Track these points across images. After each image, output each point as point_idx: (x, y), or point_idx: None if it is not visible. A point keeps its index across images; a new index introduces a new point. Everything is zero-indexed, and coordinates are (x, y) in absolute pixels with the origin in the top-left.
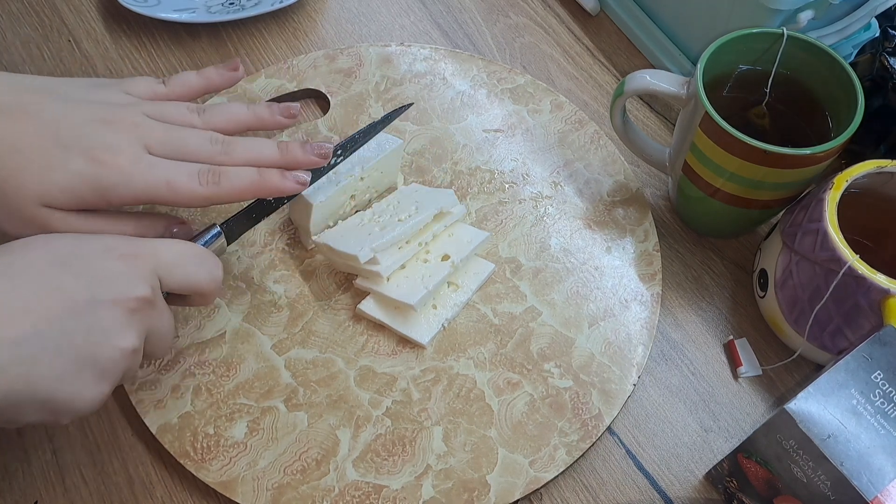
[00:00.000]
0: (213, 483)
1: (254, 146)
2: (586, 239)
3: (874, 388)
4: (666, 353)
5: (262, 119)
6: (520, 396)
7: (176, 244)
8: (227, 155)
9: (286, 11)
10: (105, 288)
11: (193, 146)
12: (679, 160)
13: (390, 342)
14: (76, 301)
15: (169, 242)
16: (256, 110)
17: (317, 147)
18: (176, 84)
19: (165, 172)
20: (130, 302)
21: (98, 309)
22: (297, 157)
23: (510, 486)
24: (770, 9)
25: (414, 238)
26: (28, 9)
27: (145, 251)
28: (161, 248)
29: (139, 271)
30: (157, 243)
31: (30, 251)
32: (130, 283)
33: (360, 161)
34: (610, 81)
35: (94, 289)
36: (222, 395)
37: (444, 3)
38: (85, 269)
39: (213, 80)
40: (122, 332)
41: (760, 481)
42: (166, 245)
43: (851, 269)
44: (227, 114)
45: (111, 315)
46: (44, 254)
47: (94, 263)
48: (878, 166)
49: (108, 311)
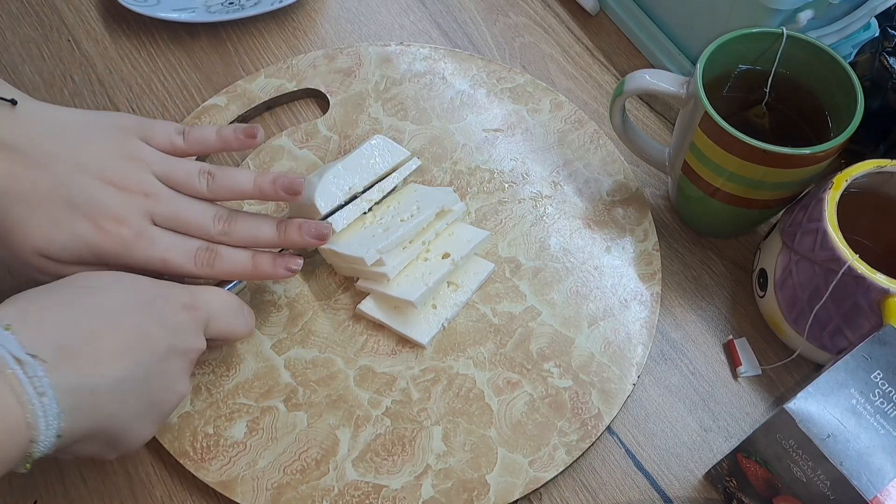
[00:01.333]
0: (213, 483)
1: (252, 227)
2: (586, 238)
3: (874, 388)
4: (665, 352)
5: (265, 193)
6: (519, 396)
7: (221, 294)
8: (227, 236)
9: (286, 11)
10: (180, 339)
11: (195, 224)
12: (679, 160)
13: (390, 342)
14: (158, 348)
15: (216, 292)
16: (261, 185)
17: (313, 228)
18: (194, 141)
19: (164, 251)
20: (193, 353)
21: (173, 357)
22: (294, 240)
23: (510, 486)
24: (770, 8)
25: (417, 237)
26: (28, 8)
27: (200, 302)
28: (212, 299)
29: (199, 323)
30: (208, 294)
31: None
32: (196, 335)
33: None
34: (609, 81)
35: (172, 338)
36: (222, 394)
37: (444, 3)
38: (164, 318)
39: (230, 143)
40: (184, 379)
41: (760, 481)
42: (213, 294)
43: (851, 269)
44: (233, 187)
45: (179, 363)
46: (134, 296)
47: (169, 313)
48: (878, 166)
49: (179, 360)
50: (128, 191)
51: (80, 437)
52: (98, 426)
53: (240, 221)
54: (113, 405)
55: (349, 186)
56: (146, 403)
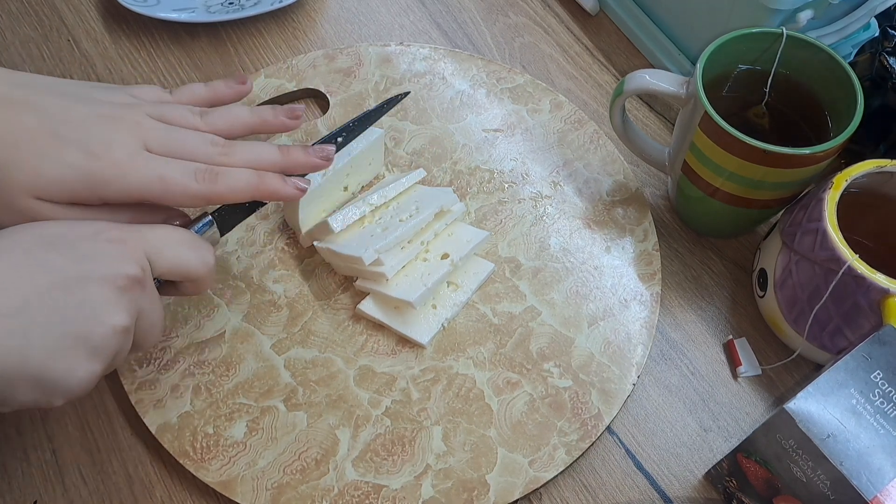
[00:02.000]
0: (213, 483)
1: (254, 148)
2: (586, 238)
3: (874, 388)
4: (665, 352)
5: (265, 121)
6: (519, 396)
7: (166, 229)
8: (226, 156)
9: (286, 11)
10: (94, 266)
11: (192, 146)
12: (678, 160)
13: (390, 342)
14: (65, 277)
15: (159, 227)
16: (260, 112)
17: (319, 150)
18: (182, 93)
19: (160, 168)
20: (120, 280)
21: (88, 285)
22: (299, 159)
23: (510, 486)
24: (769, 8)
25: (416, 237)
26: (27, 8)
27: (134, 235)
28: (150, 232)
29: (129, 252)
30: (146, 228)
31: (16, 233)
32: (120, 262)
33: (345, 153)
34: (609, 81)
35: (83, 266)
36: (222, 394)
37: (444, 3)
38: (73, 250)
39: (220, 91)
40: (113, 309)
41: (760, 481)
42: (156, 229)
43: (851, 269)
44: (230, 116)
45: (101, 292)
46: (30, 236)
47: (83, 244)
48: (878, 166)
49: (98, 287)
50: (119, 121)
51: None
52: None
53: (239, 144)
54: (12, 339)
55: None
56: (64, 336)
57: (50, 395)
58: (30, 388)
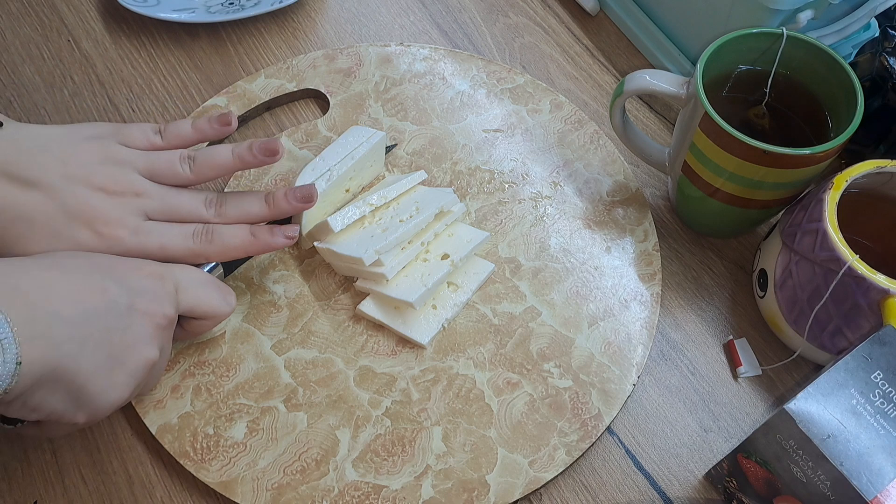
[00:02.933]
0: (213, 483)
1: (243, 205)
2: (586, 239)
3: (874, 388)
4: (665, 352)
5: (246, 161)
6: (519, 396)
7: (192, 269)
8: (220, 217)
9: (286, 11)
10: (142, 299)
11: (187, 211)
12: (678, 160)
13: (390, 342)
14: (118, 304)
15: (186, 267)
16: (241, 155)
17: (298, 193)
18: (172, 137)
19: (160, 238)
20: (159, 318)
21: (135, 316)
22: (283, 208)
23: (510, 487)
24: (769, 9)
25: (416, 238)
26: (28, 9)
27: (169, 273)
28: (181, 272)
29: (166, 290)
30: (176, 267)
31: (71, 258)
32: (162, 300)
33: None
34: (609, 81)
35: (133, 297)
36: (222, 395)
37: (444, 3)
38: (125, 279)
39: (206, 133)
40: (149, 343)
41: (760, 481)
42: (185, 269)
43: (851, 269)
44: (214, 164)
45: (143, 325)
46: (86, 262)
47: (131, 277)
48: (878, 166)
49: (141, 320)
50: (118, 194)
51: (41, 377)
52: (59, 366)
53: (229, 200)
54: (71, 345)
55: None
56: (108, 356)
57: (79, 409)
58: (67, 396)
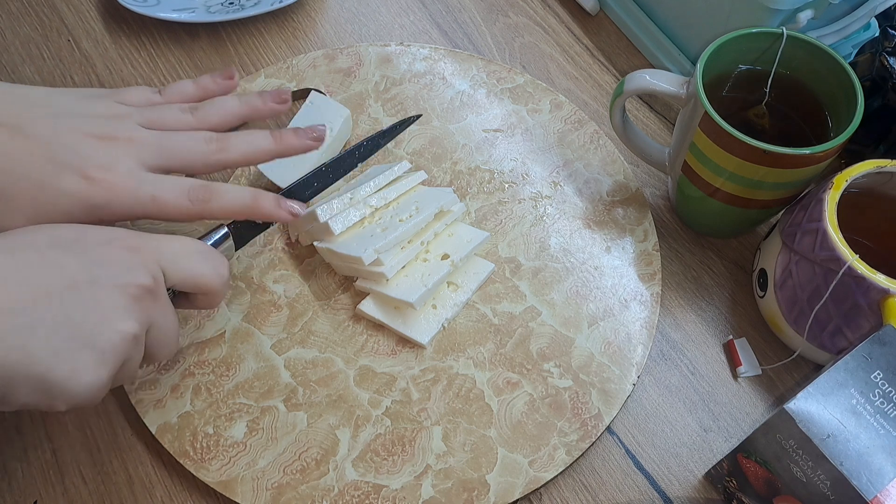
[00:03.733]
0: (213, 483)
1: (248, 139)
2: (586, 239)
3: (873, 388)
4: (665, 352)
5: (255, 108)
6: (519, 396)
7: (182, 240)
8: (223, 152)
9: (286, 11)
10: (107, 271)
11: (187, 148)
12: (678, 160)
13: (390, 342)
14: (76, 280)
15: (174, 238)
16: (249, 101)
17: (310, 131)
18: (172, 93)
19: (153, 188)
20: (131, 288)
21: (98, 290)
22: (292, 143)
23: (510, 486)
24: (769, 9)
25: (416, 238)
26: (28, 9)
27: (149, 244)
28: (165, 242)
29: (142, 261)
30: (162, 238)
31: (31, 233)
32: (133, 270)
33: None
34: (609, 81)
35: (95, 271)
36: (222, 394)
37: (444, 3)
38: (87, 254)
39: (208, 88)
40: (123, 315)
41: (760, 481)
42: (171, 239)
43: (851, 269)
44: (221, 109)
45: (112, 298)
46: (46, 236)
47: (98, 250)
48: (878, 166)
49: (108, 293)
50: (111, 139)
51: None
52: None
53: (233, 136)
54: (17, 336)
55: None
56: (71, 338)
57: (52, 398)
58: (31, 389)
